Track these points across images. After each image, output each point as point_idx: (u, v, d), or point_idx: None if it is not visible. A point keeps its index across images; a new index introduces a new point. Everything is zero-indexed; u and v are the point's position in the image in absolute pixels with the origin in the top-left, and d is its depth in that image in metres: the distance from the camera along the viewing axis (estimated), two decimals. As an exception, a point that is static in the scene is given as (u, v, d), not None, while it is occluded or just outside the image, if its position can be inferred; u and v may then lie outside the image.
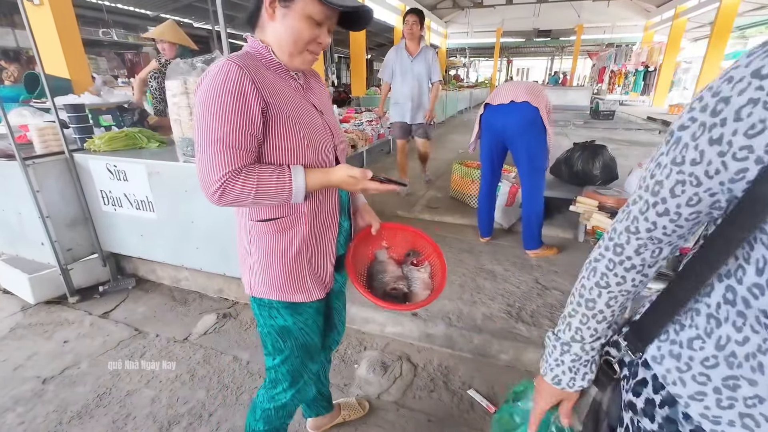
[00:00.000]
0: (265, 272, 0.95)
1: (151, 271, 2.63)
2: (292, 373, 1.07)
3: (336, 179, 0.89)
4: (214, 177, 0.78)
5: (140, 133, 2.47)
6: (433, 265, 1.15)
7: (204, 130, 0.78)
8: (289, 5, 0.82)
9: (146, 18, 9.67)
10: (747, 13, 12.30)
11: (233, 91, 0.77)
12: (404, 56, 3.45)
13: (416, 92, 3.50)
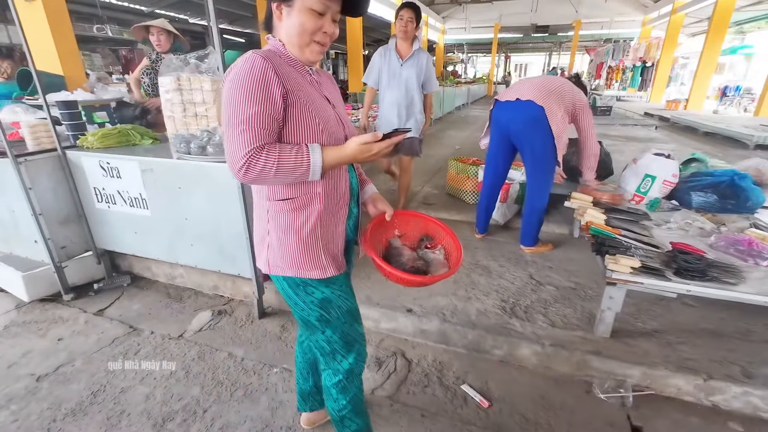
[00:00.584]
0: (283, 248, 1.01)
1: (146, 268, 2.62)
2: (345, 338, 1.13)
3: (350, 152, 0.94)
4: (240, 153, 0.85)
5: (133, 129, 2.46)
6: (446, 247, 1.20)
7: (232, 112, 0.86)
8: (291, 3, 0.91)
9: (141, 14, 9.59)
10: (744, 8, 12.28)
11: (258, 77, 0.86)
12: (393, 58, 2.85)
13: (403, 102, 2.89)
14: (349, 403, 1.20)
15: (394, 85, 2.88)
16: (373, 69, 2.96)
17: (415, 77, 2.86)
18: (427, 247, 1.21)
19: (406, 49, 2.85)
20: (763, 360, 1.65)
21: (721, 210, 2.29)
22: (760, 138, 5.88)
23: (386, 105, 2.95)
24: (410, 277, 1.03)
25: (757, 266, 1.69)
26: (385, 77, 2.90)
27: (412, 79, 2.86)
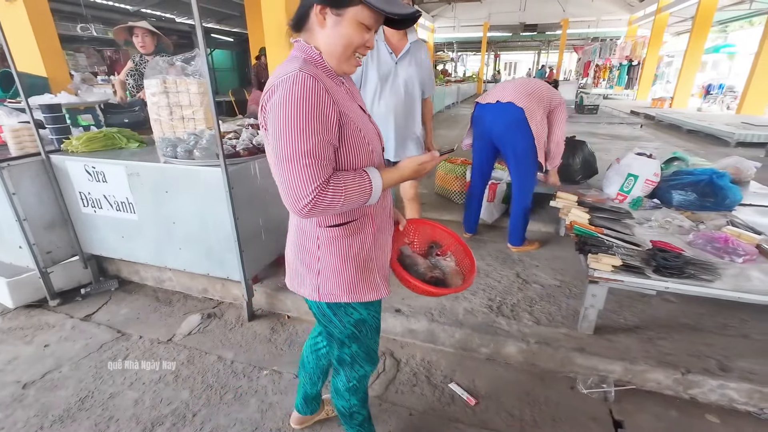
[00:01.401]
0: (340, 275, 0.98)
1: (135, 272, 2.61)
2: (367, 351, 1.15)
3: (407, 172, 0.94)
4: (306, 191, 0.79)
5: (119, 133, 2.44)
6: (455, 253, 1.25)
7: (289, 144, 0.78)
8: (341, 13, 0.83)
9: (126, 13, 9.44)
10: (726, 7, 12.53)
11: (314, 102, 0.78)
12: (384, 53, 2.12)
13: (402, 111, 2.20)
14: (359, 400, 1.25)
15: (388, 90, 2.16)
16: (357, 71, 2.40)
17: (416, 78, 2.19)
18: (437, 254, 1.25)
19: (400, 41, 2.15)
20: (739, 353, 1.71)
21: (700, 208, 2.36)
22: (741, 136, 6.02)
23: (377, 116, 2.18)
24: (437, 290, 1.07)
25: (733, 263, 1.75)
26: (374, 79, 2.14)
27: (412, 81, 2.19)
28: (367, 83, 2.16)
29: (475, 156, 2.69)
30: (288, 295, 2.23)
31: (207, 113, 2.37)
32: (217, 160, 1.79)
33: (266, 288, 2.27)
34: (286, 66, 0.83)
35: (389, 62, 2.13)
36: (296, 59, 0.85)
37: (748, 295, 1.56)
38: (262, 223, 2.15)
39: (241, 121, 2.76)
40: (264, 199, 2.14)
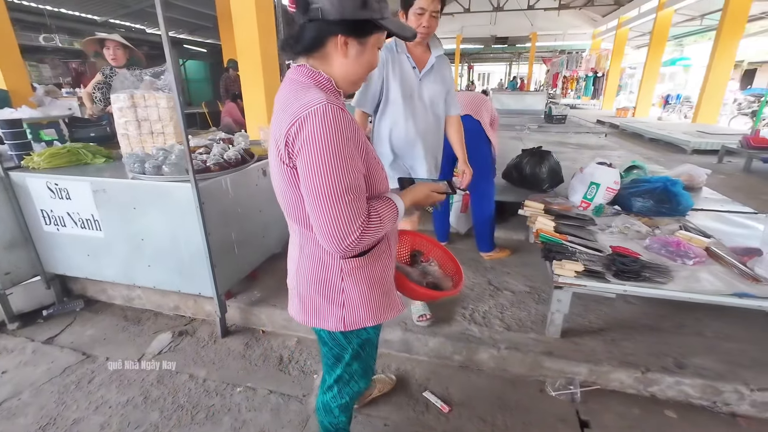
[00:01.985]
0: (367, 302, 0.98)
1: (101, 290, 2.52)
2: (366, 368, 1.16)
3: (421, 197, 1.00)
4: (353, 227, 0.79)
5: (84, 148, 2.37)
6: (436, 258, 1.33)
7: (331, 182, 0.77)
8: (365, 41, 0.85)
9: (93, 23, 9.20)
10: (680, 23, 13.36)
11: (347, 136, 0.78)
12: (406, 68, 1.80)
13: (432, 134, 1.91)
14: (346, 417, 1.25)
15: (415, 109, 1.82)
16: (372, 83, 1.82)
17: (442, 95, 1.89)
18: (422, 261, 1.31)
19: (424, 54, 1.84)
20: (693, 351, 1.82)
21: (657, 213, 2.50)
22: (696, 144, 6.40)
23: (404, 138, 1.85)
24: (440, 293, 1.17)
25: (684, 265, 1.87)
26: (398, 96, 1.79)
27: (438, 100, 1.88)
28: (389, 101, 1.82)
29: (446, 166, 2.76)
30: (263, 310, 2.21)
31: (177, 127, 2.35)
32: (187, 175, 1.78)
33: (240, 303, 2.25)
34: (302, 95, 0.81)
35: (412, 78, 1.81)
36: (308, 86, 0.83)
37: (698, 295, 1.67)
38: (235, 237, 2.13)
39: (213, 135, 2.73)
40: (236, 214, 2.13)
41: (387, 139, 1.86)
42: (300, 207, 0.87)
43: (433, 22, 1.71)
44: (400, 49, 1.79)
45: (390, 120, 1.83)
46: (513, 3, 14.26)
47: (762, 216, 2.56)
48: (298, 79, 0.86)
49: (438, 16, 1.72)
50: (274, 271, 2.56)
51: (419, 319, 2.02)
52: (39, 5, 7.32)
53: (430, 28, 1.72)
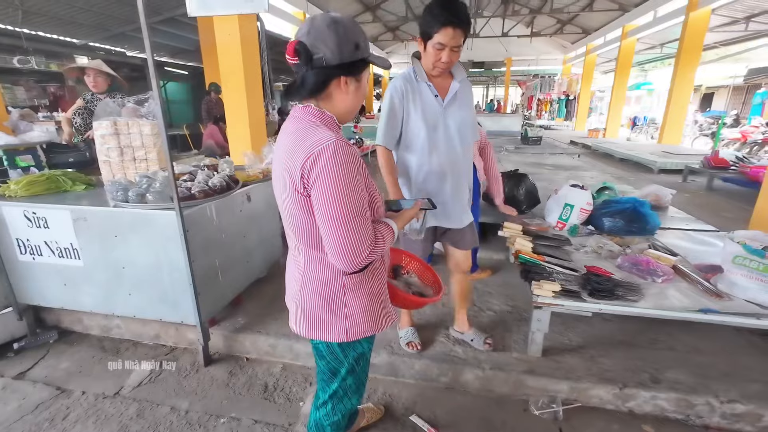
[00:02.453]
0: (369, 313, 1.08)
1: (77, 321, 2.44)
2: (359, 383, 1.22)
3: (409, 218, 1.15)
4: (363, 246, 0.91)
5: (64, 175, 2.35)
6: (414, 270, 1.44)
7: (345, 208, 0.89)
8: (360, 78, 1.00)
9: (71, 46, 9.11)
10: (643, 51, 14.27)
11: (356, 167, 0.92)
12: (428, 96, 1.68)
13: (461, 165, 1.76)
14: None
15: (440, 141, 1.69)
16: (393, 115, 1.68)
17: (468, 123, 1.74)
18: (403, 274, 1.41)
19: (445, 80, 1.71)
20: (667, 365, 1.90)
21: (627, 233, 2.63)
22: (662, 164, 6.76)
23: (430, 174, 1.72)
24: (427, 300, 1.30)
25: (654, 283, 1.97)
26: (421, 127, 1.66)
27: (464, 127, 1.73)
28: (411, 133, 1.69)
29: None
30: (247, 336, 2.19)
31: (160, 154, 2.36)
32: (171, 203, 1.79)
33: (224, 330, 2.22)
34: (313, 133, 0.92)
35: (435, 107, 1.67)
36: (316, 125, 0.95)
37: (667, 312, 1.77)
38: (219, 263, 2.13)
39: (197, 161, 2.75)
40: (220, 240, 2.13)
41: (413, 175, 1.73)
42: (310, 230, 0.98)
43: (453, 57, 1.56)
44: (420, 77, 1.65)
45: (414, 154, 1.71)
46: (488, 30, 14.95)
47: (722, 233, 2.73)
48: (306, 118, 0.98)
49: (459, 50, 1.56)
50: (259, 296, 2.55)
51: (408, 346, 2.03)
52: (16, 28, 7.23)
53: (449, 63, 1.58)
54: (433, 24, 1.49)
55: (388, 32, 16.25)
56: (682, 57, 8.32)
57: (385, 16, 13.69)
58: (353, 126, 8.28)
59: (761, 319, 1.71)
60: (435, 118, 1.67)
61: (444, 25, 1.47)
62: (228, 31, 3.31)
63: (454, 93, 1.69)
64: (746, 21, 9.92)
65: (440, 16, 1.46)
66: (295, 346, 2.11)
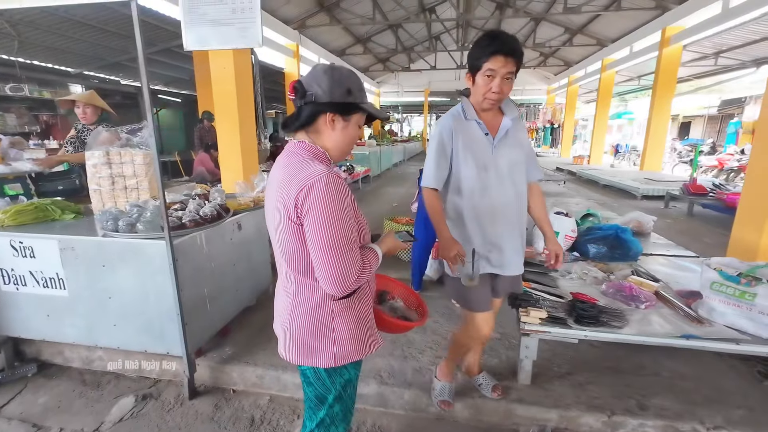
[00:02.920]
0: (355, 337, 1.11)
1: (58, 353, 2.37)
2: (346, 411, 1.21)
3: (390, 245, 1.19)
4: (352, 271, 0.98)
5: (53, 204, 2.35)
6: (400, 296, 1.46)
7: (335, 235, 0.95)
8: (349, 118, 1.07)
9: (66, 74, 9.23)
10: (621, 83, 14.96)
11: (345, 198, 0.99)
12: (477, 134, 1.57)
13: (513, 207, 1.61)
14: None
15: (492, 183, 1.56)
16: (442, 156, 1.59)
17: (521, 163, 1.61)
18: (389, 299, 1.44)
19: (495, 117, 1.59)
20: (653, 391, 1.92)
21: (611, 259, 2.70)
22: (645, 190, 6.98)
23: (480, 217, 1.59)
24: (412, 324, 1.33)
25: (637, 309, 2.02)
26: (471, 167, 1.56)
27: (517, 167, 1.60)
28: (461, 175, 1.58)
29: (419, 216, 2.92)
30: (234, 367, 2.15)
31: (152, 183, 2.38)
32: (161, 232, 1.80)
33: (210, 361, 2.18)
34: (306, 166, 0.99)
35: (485, 146, 1.55)
36: (309, 159, 1.02)
37: (650, 338, 1.80)
38: (207, 293, 2.12)
39: (188, 189, 2.77)
40: (209, 269, 2.14)
41: (462, 218, 1.61)
42: (302, 258, 1.03)
43: (505, 86, 1.44)
44: (469, 115, 1.55)
45: (463, 196, 1.59)
46: (474, 62, 15.56)
47: (701, 259, 2.81)
48: (299, 152, 1.05)
49: (513, 78, 1.46)
50: (247, 325, 2.52)
51: (441, 404, 1.87)
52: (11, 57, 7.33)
53: (501, 93, 1.45)
54: (482, 54, 1.43)
55: (378, 63, 16.82)
56: (659, 89, 8.75)
57: (375, 48, 14.21)
58: (344, 153, 8.40)
59: (740, 344, 1.75)
60: (485, 158, 1.55)
61: (494, 53, 1.40)
62: (223, 63, 3.43)
63: (506, 131, 1.57)
64: (715, 56, 10.53)
65: (489, 45, 1.41)
66: (283, 377, 2.08)
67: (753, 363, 2.10)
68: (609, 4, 8.98)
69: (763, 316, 1.75)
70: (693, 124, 18.98)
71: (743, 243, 3.30)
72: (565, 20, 11.26)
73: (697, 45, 9.35)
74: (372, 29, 12.44)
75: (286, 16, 8.94)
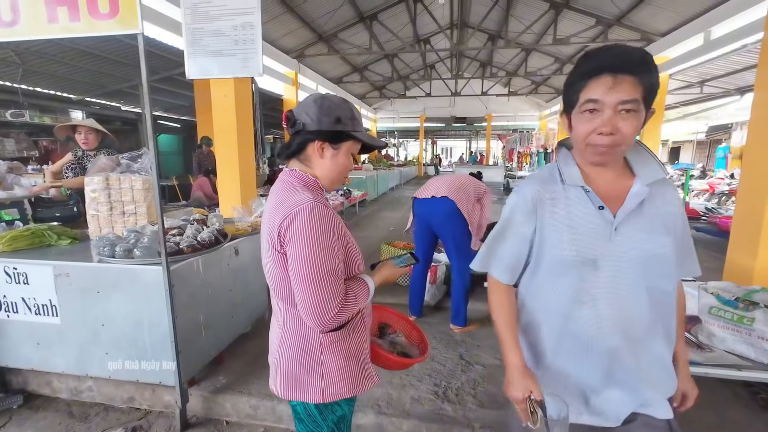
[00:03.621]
0: (345, 373, 1.05)
1: (46, 383, 2.30)
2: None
3: (387, 275, 1.14)
4: (333, 304, 0.93)
5: (49, 229, 2.34)
6: (401, 330, 1.41)
7: (315, 266, 0.92)
8: (338, 147, 1.05)
9: (68, 101, 9.38)
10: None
11: (331, 227, 0.95)
12: (581, 208, 0.94)
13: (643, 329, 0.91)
14: None
15: (594, 287, 0.93)
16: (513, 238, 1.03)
17: (666, 256, 0.92)
18: (390, 333, 1.39)
19: (616, 181, 0.97)
20: None
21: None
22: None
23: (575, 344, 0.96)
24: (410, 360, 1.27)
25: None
26: (565, 261, 0.95)
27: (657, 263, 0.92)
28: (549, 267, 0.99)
29: (417, 242, 2.95)
30: (227, 398, 2.09)
31: (150, 208, 2.39)
32: (158, 258, 1.79)
33: (203, 391, 2.12)
34: (294, 194, 0.98)
35: (597, 226, 0.94)
36: (299, 187, 1.01)
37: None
38: (203, 320, 2.09)
39: (186, 213, 2.78)
40: (206, 295, 2.11)
41: (543, 338, 1.01)
42: (286, 286, 1.00)
43: (624, 124, 0.85)
44: (568, 178, 0.97)
45: (552, 302, 0.99)
46: (468, 89, 16.05)
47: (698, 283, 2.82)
48: (290, 180, 1.05)
49: (634, 112, 0.85)
50: (242, 353, 2.47)
51: None
52: (14, 84, 7.46)
53: (615, 135, 0.86)
54: (579, 81, 0.89)
55: (375, 90, 17.25)
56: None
57: (372, 77, 14.61)
58: (341, 177, 8.48)
59: (742, 370, 1.74)
60: (595, 244, 0.93)
61: (596, 73, 0.85)
62: (224, 91, 3.51)
63: (639, 202, 0.92)
64: (700, 85, 10.92)
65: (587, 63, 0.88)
66: (278, 408, 2.02)
67: (756, 390, 2.07)
68: (596, 36, 9.36)
69: (762, 341, 1.74)
70: (682, 149, 19.43)
71: (738, 267, 3.32)
72: (554, 51, 11.70)
73: (683, 74, 9.71)
74: (369, 59, 12.84)
75: (285, 46, 9.23)
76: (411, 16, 10.00)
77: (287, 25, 8.50)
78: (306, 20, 8.69)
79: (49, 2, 1.69)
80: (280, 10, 7.81)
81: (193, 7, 1.95)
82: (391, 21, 10.20)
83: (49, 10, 1.69)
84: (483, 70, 15.55)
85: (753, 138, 3.32)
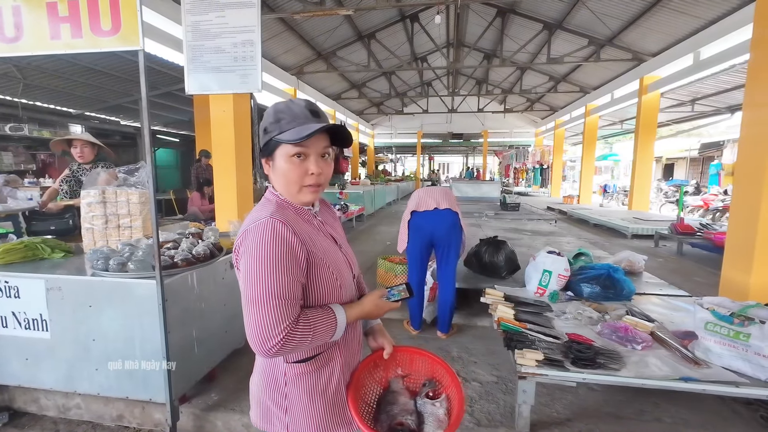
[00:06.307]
0: (308, 413, 0.95)
1: (33, 400, 2.24)
2: None
3: (368, 308, 0.99)
4: (276, 330, 0.82)
5: (43, 242, 2.32)
6: (451, 399, 1.02)
7: (260, 286, 0.83)
8: (272, 155, 0.95)
9: (67, 115, 9.44)
10: (605, 126, 15.66)
11: (284, 246, 0.86)
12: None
13: None
14: None
15: None
16: None
17: None
18: (428, 395, 1.03)
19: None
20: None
21: (605, 299, 2.69)
22: (634, 229, 7.09)
23: None
24: None
25: (634, 350, 1.99)
26: None
27: None
28: None
29: (415, 257, 2.95)
30: (219, 415, 2.05)
31: (146, 221, 2.38)
32: (152, 271, 1.78)
33: (194, 408, 2.08)
34: (258, 211, 0.93)
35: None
36: (269, 202, 0.96)
37: (649, 381, 1.76)
38: (196, 334, 2.06)
39: (182, 227, 2.77)
40: (199, 309, 2.09)
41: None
42: None
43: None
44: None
45: None
46: (465, 106, 16.30)
47: (694, 299, 2.82)
48: (266, 197, 1.01)
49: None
50: (234, 369, 2.43)
51: None
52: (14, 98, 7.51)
53: None
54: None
55: (373, 107, 17.49)
56: (641, 133, 9.14)
57: (370, 93, 14.83)
58: (339, 192, 8.52)
59: (740, 387, 1.72)
60: None
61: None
62: (223, 107, 3.55)
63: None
64: (692, 103, 11.15)
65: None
66: None
67: (756, 407, 2.05)
68: (589, 55, 9.59)
69: (759, 357, 1.73)
70: (676, 166, 19.66)
71: (733, 282, 3.33)
72: (549, 69, 11.95)
73: (674, 93, 9.92)
74: (367, 76, 13.06)
75: (285, 63, 9.39)
76: (408, 35, 10.23)
77: (287, 43, 8.67)
78: (305, 38, 8.87)
79: (52, 19, 1.72)
80: (280, 29, 7.98)
81: (194, 25, 2.00)
82: (389, 40, 10.43)
83: (51, 27, 1.73)
84: (479, 88, 15.83)
85: (743, 156, 3.38)
